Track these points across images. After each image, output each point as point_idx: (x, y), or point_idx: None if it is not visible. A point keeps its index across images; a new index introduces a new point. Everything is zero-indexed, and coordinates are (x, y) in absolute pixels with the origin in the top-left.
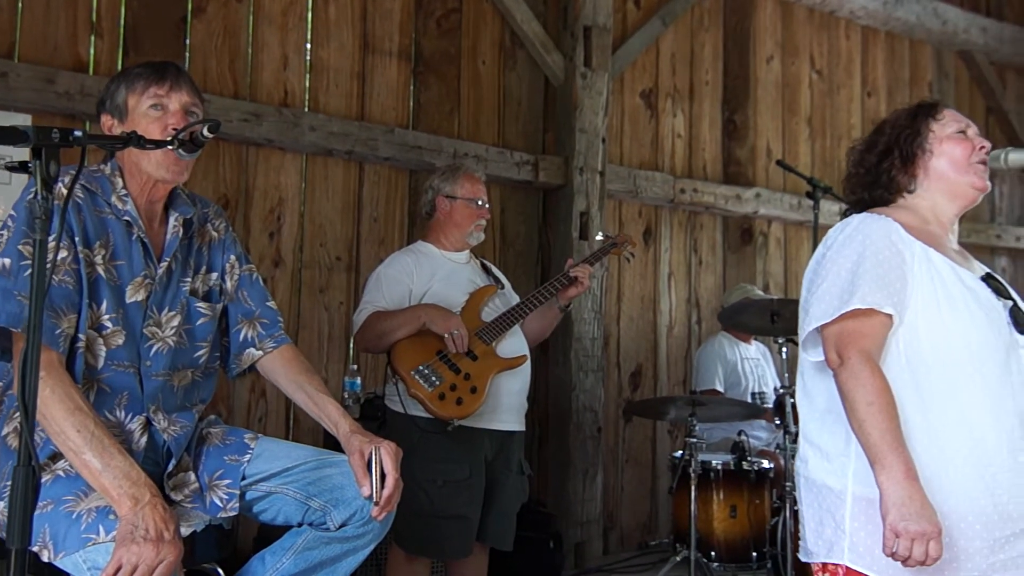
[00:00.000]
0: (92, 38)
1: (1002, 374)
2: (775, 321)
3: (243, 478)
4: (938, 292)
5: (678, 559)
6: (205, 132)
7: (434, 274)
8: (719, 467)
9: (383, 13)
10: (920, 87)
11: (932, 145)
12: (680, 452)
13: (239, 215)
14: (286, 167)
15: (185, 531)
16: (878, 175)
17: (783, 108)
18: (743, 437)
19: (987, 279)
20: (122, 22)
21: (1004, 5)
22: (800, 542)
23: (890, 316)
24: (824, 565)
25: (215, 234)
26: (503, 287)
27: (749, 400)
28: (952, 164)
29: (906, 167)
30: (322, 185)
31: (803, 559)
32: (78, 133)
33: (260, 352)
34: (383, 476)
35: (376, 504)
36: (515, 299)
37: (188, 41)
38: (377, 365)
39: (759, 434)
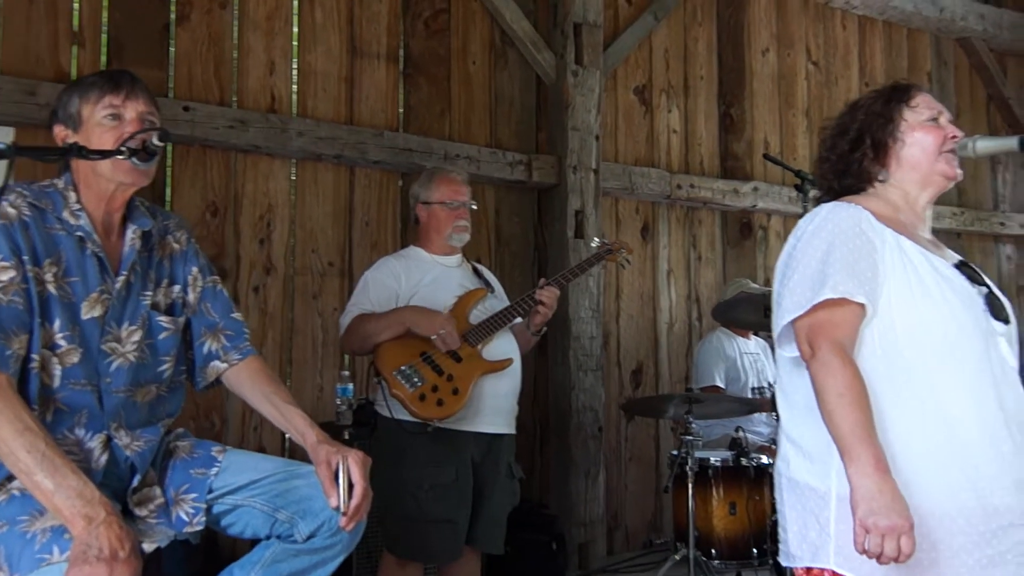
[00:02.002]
0: (74, 48)
1: (980, 363)
2: (768, 315)
3: (210, 491)
4: (911, 281)
5: (677, 558)
6: (155, 141)
7: (422, 278)
8: (718, 464)
9: (370, 16)
10: (919, 76)
11: (904, 134)
12: (677, 450)
13: (228, 222)
14: (275, 173)
15: (149, 547)
16: (849, 164)
17: (780, 101)
18: (741, 433)
19: (961, 266)
20: (104, 31)
21: None
22: (781, 545)
23: (863, 306)
24: (809, 570)
25: (176, 246)
26: (494, 291)
27: (749, 395)
28: (923, 152)
29: (877, 156)
30: (312, 190)
31: (784, 563)
32: (1, 145)
33: (225, 364)
34: (351, 486)
35: (344, 515)
36: (506, 303)
37: (172, 49)
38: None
39: (760, 429)
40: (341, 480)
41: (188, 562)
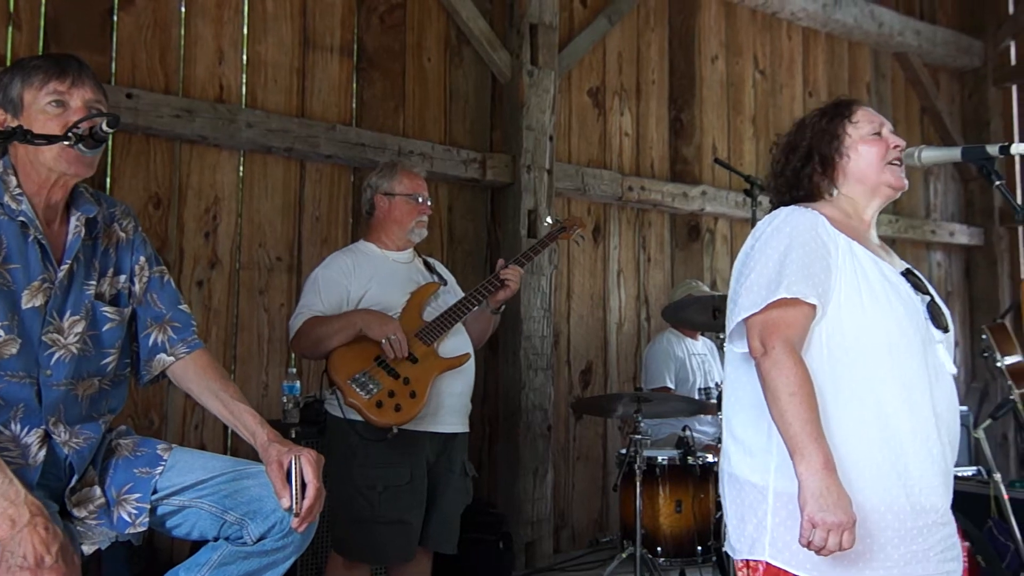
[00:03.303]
0: (10, 30)
1: (918, 367)
2: (717, 317)
3: (154, 492)
4: (861, 285)
5: (624, 556)
6: (104, 127)
7: (373, 275)
8: (665, 463)
9: (323, 8)
10: (859, 87)
11: (849, 149)
12: (625, 449)
13: (172, 214)
14: (222, 165)
15: (88, 549)
16: (800, 179)
17: (728, 107)
18: (688, 433)
19: (907, 274)
20: (43, 13)
21: (937, 9)
22: (725, 539)
23: (814, 307)
24: (747, 562)
25: (123, 235)
26: (446, 284)
27: (696, 396)
28: (869, 166)
29: (826, 171)
30: (261, 183)
31: (730, 554)
32: None
33: (172, 358)
34: (304, 486)
35: (296, 515)
36: (460, 295)
37: (115, 35)
38: (318, 368)
39: (706, 429)
40: (294, 480)
41: (130, 564)
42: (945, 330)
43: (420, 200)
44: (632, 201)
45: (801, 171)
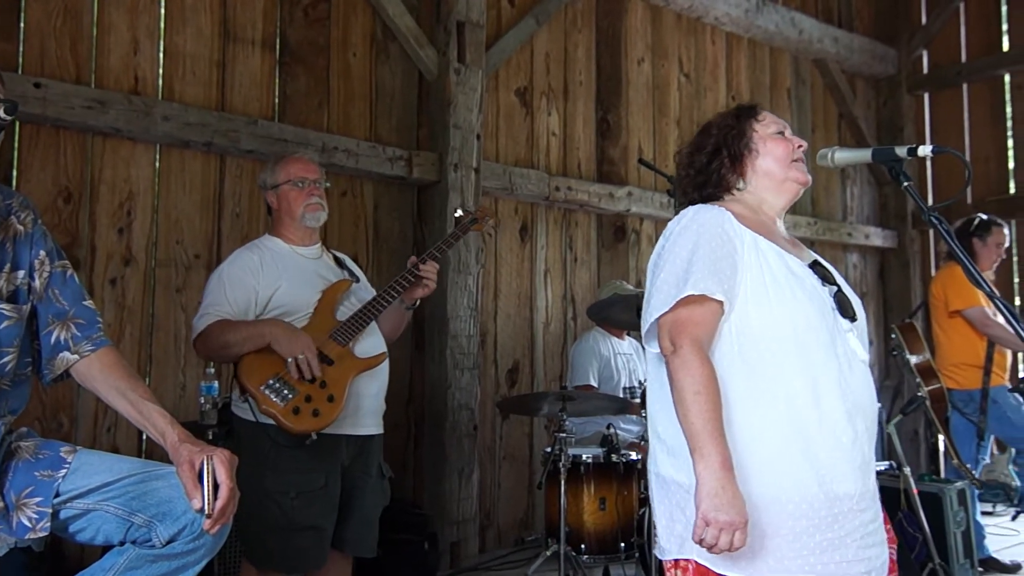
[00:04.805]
0: None
1: (827, 357)
2: (640, 316)
3: (57, 495)
4: (766, 279)
5: (548, 553)
6: (1, 114)
7: (282, 272)
8: (589, 461)
9: (244, 0)
10: (780, 92)
11: (757, 144)
12: (550, 447)
13: (83, 209)
14: (137, 158)
15: None
16: (708, 175)
17: (654, 109)
18: (612, 431)
19: (813, 266)
20: None
21: (855, 18)
22: (654, 539)
23: (721, 303)
24: (676, 562)
25: (21, 228)
26: (359, 281)
27: (621, 394)
28: (776, 161)
29: (734, 166)
30: (178, 178)
31: (659, 556)
32: None
33: (76, 356)
34: (216, 487)
35: (209, 517)
36: (372, 293)
37: (23, 21)
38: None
39: (630, 427)
40: (206, 481)
41: (30, 571)
42: (853, 319)
43: (304, 184)
44: (559, 201)
45: (708, 167)
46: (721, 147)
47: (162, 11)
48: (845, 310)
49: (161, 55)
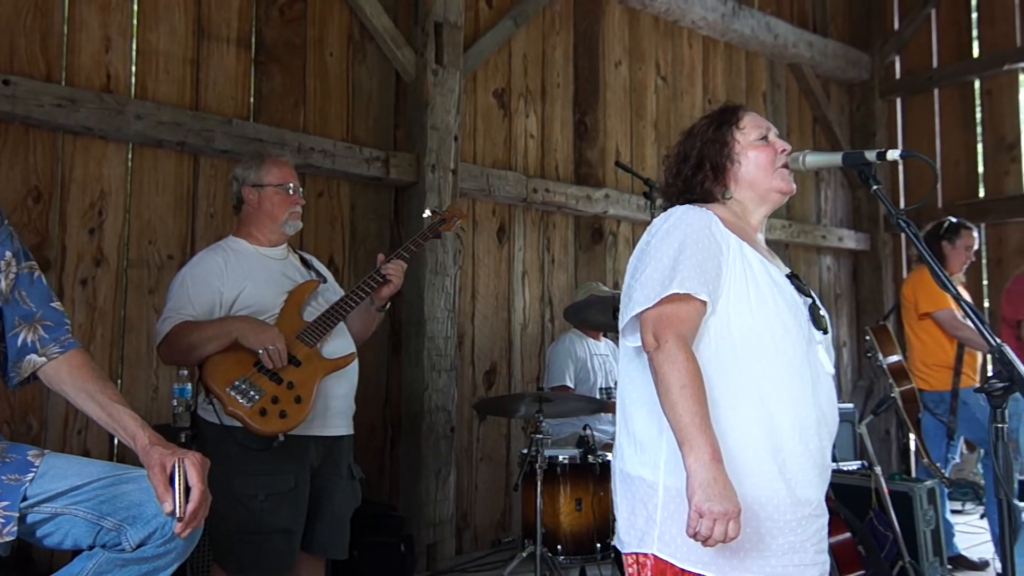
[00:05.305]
0: None
1: (801, 365)
2: (617, 317)
3: (24, 499)
4: (749, 285)
5: (524, 555)
6: None
7: (247, 274)
8: (565, 462)
9: None
10: (756, 96)
11: (739, 155)
12: (526, 449)
13: (54, 209)
14: (108, 158)
15: None
16: (693, 186)
17: (631, 112)
18: (588, 432)
19: (791, 277)
20: None
21: (829, 23)
22: (615, 533)
23: (704, 303)
24: (635, 555)
25: None
26: (326, 281)
27: (598, 395)
28: (759, 170)
29: (717, 178)
30: (151, 178)
31: (618, 548)
32: None
33: (43, 359)
34: (188, 490)
35: (180, 520)
36: (339, 293)
37: None
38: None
39: (606, 428)
40: (177, 484)
41: None
42: (825, 331)
43: (291, 190)
44: (537, 203)
45: (693, 179)
46: (704, 159)
47: (135, 8)
48: (818, 322)
49: (134, 53)
